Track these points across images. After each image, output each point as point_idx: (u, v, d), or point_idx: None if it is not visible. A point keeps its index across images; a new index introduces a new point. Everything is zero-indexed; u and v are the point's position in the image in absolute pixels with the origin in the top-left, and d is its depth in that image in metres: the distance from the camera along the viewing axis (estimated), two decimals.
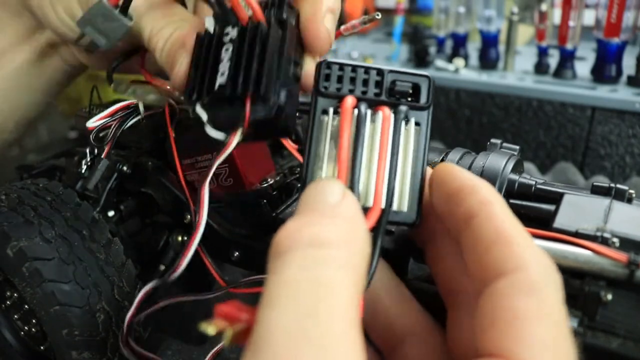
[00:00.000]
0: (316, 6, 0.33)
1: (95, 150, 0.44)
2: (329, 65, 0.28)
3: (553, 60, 1.03)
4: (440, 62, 1.09)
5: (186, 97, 0.31)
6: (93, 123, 0.41)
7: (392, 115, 0.27)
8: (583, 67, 1.01)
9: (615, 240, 0.29)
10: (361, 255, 0.22)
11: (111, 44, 0.37)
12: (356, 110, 0.27)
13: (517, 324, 0.21)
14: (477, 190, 0.25)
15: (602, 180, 0.63)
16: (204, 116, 0.31)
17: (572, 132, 0.95)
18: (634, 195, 0.35)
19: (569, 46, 0.97)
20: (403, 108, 0.27)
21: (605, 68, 0.94)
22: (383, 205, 0.26)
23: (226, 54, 0.31)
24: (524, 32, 1.22)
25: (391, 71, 0.27)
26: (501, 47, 1.08)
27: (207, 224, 0.44)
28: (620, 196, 0.34)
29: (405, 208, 0.27)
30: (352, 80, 0.27)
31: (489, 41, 1.07)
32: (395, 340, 0.27)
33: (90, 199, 0.42)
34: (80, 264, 0.36)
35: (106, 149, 0.42)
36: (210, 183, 0.39)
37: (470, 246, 0.24)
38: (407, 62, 1.16)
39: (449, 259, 0.27)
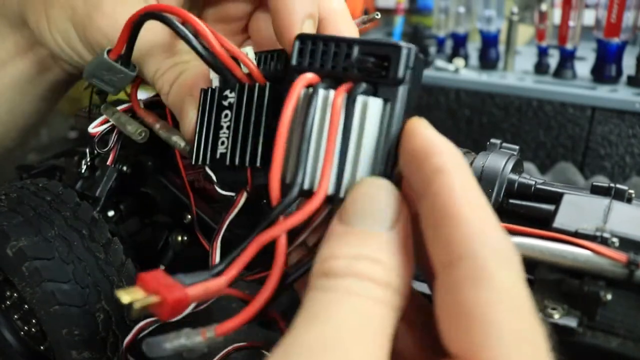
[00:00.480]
0: (291, 14, 0.31)
1: (95, 151, 0.44)
2: (302, 39, 0.26)
3: (553, 60, 1.03)
4: (440, 62, 1.09)
5: (195, 157, 0.32)
6: (94, 129, 0.41)
7: (345, 94, 0.25)
8: (583, 67, 1.01)
9: (615, 240, 0.29)
10: (404, 297, 0.21)
11: (119, 91, 0.38)
12: (310, 89, 0.25)
13: (471, 322, 0.19)
14: (435, 156, 0.22)
15: (602, 180, 0.63)
16: (213, 177, 0.32)
17: (572, 132, 0.95)
18: (633, 195, 0.35)
19: (569, 46, 0.97)
20: (361, 85, 0.25)
21: (605, 68, 0.94)
22: (330, 192, 0.24)
23: (225, 121, 0.31)
24: (524, 32, 1.22)
25: (359, 42, 0.25)
26: (501, 47, 1.08)
27: (207, 224, 0.44)
28: (620, 196, 0.35)
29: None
30: (324, 54, 0.26)
31: (489, 41, 1.07)
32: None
33: (89, 199, 0.42)
34: (80, 263, 0.36)
35: (111, 155, 0.42)
36: (210, 183, 0.39)
37: (424, 221, 0.22)
38: None
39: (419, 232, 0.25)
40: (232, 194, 0.34)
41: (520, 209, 0.36)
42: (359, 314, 0.20)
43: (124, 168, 0.44)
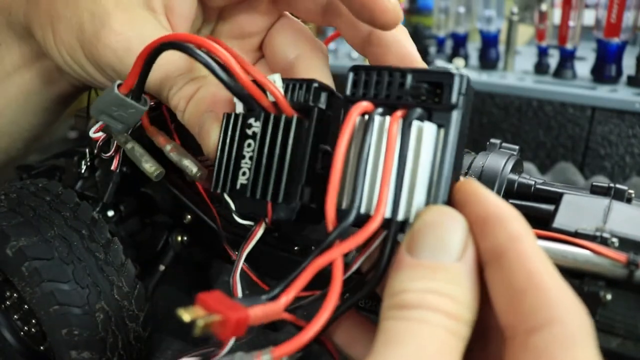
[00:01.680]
0: None
1: (100, 154, 0.43)
2: (356, 71, 0.27)
3: (553, 60, 1.03)
4: (440, 62, 1.09)
5: (215, 185, 0.31)
6: (95, 134, 0.40)
7: (400, 120, 0.25)
8: (583, 67, 1.01)
9: (615, 240, 0.29)
10: (471, 328, 0.22)
11: (129, 129, 0.36)
12: (366, 117, 0.26)
13: None
14: (507, 222, 0.23)
15: (602, 180, 0.63)
16: (231, 205, 0.32)
17: (572, 132, 0.95)
18: (633, 195, 0.35)
19: (569, 46, 0.97)
20: (415, 110, 0.25)
21: (605, 68, 0.94)
22: (388, 215, 0.25)
23: (248, 151, 0.30)
24: (524, 32, 1.22)
25: (413, 71, 0.26)
26: (501, 47, 1.08)
27: (207, 224, 0.44)
28: (620, 196, 0.34)
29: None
30: (378, 84, 0.27)
31: (489, 41, 1.07)
32: None
33: (89, 199, 0.42)
34: (80, 263, 0.36)
35: (115, 160, 0.42)
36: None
37: (497, 286, 0.23)
38: None
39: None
40: (251, 223, 0.33)
41: (519, 209, 0.36)
42: (436, 340, 0.21)
43: (124, 168, 0.44)
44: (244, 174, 0.30)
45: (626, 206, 0.33)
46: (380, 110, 0.26)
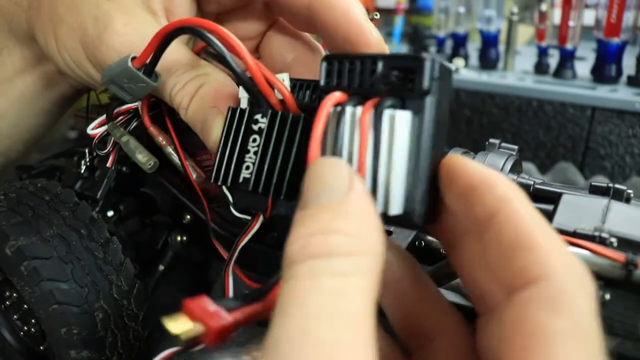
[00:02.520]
0: (352, 14, 0.31)
1: (95, 153, 0.44)
2: (329, 60, 0.26)
3: (553, 60, 1.03)
4: None
5: (215, 177, 0.31)
6: (93, 130, 0.40)
7: (372, 109, 0.24)
8: (583, 67, 1.01)
9: (614, 240, 0.29)
10: (374, 257, 0.21)
11: (136, 100, 0.36)
12: (338, 108, 0.25)
13: (542, 343, 0.19)
14: (494, 187, 0.22)
15: (601, 180, 0.63)
16: (230, 197, 0.32)
17: (572, 132, 0.95)
18: (632, 195, 0.35)
19: (569, 46, 0.97)
20: (387, 99, 0.24)
21: (605, 68, 0.94)
22: None
23: (253, 146, 0.30)
24: (524, 32, 1.22)
25: (383, 57, 0.25)
26: (501, 47, 1.08)
27: (206, 224, 0.44)
28: (619, 196, 0.34)
29: (402, 208, 0.24)
30: (351, 72, 0.26)
31: (489, 41, 1.07)
32: (423, 339, 0.26)
33: (89, 199, 0.42)
34: (79, 263, 0.37)
35: (111, 157, 0.42)
36: (209, 182, 0.39)
37: (492, 250, 0.22)
38: None
39: (475, 261, 0.25)
40: (248, 217, 0.33)
41: None
42: (326, 296, 0.19)
43: (124, 168, 0.44)
44: (247, 168, 0.30)
45: (625, 206, 0.33)
46: (352, 101, 0.25)
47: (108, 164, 0.43)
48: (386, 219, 0.25)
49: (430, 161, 0.24)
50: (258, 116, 0.30)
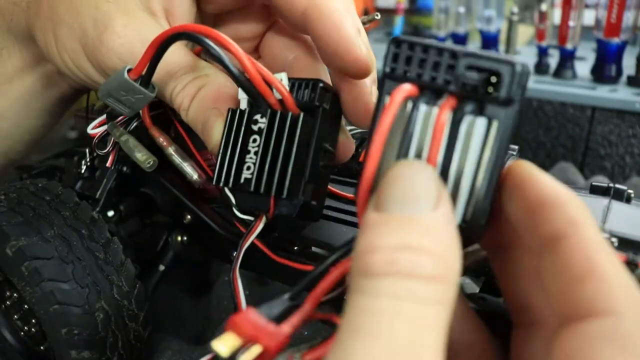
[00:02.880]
0: (344, 28, 0.31)
1: (95, 152, 0.44)
2: (398, 43, 0.24)
3: (553, 60, 1.03)
4: None
5: (217, 178, 0.31)
6: (93, 130, 0.40)
7: (450, 112, 0.22)
8: (583, 67, 1.01)
9: (614, 240, 0.29)
10: (455, 285, 0.19)
11: (134, 112, 0.36)
12: (410, 104, 0.23)
13: None
14: (566, 206, 0.21)
15: (601, 180, 0.63)
16: (232, 199, 0.32)
17: (572, 132, 0.95)
18: (632, 195, 0.35)
19: (569, 46, 0.97)
20: (469, 104, 0.22)
21: (605, 68, 0.94)
22: None
23: (253, 146, 0.30)
24: (524, 32, 1.22)
25: (467, 54, 0.22)
26: (501, 47, 1.08)
27: (207, 224, 0.44)
28: (619, 196, 0.35)
29: (465, 218, 0.23)
30: (422, 62, 0.23)
31: (489, 41, 1.07)
32: (450, 353, 0.24)
33: (89, 199, 0.42)
34: (79, 263, 0.37)
35: (110, 157, 0.42)
36: (210, 183, 0.39)
37: (554, 272, 0.21)
38: None
39: (524, 274, 0.24)
40: (250, 218, 0.33)
41: None
42: (410, 325, 0.18)
43: (124, 168, 0.44)
44: (248, 168, 0.30)
45: (625, 206, 0.33)
46: (425, 97, 0.23)
47: (108, 164, 0.43)
48: None
49: (499, 168, 0.22)
50: (257, 116, 0.30)
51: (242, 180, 0.30)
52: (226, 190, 0.32)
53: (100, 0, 0.36)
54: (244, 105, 0.32)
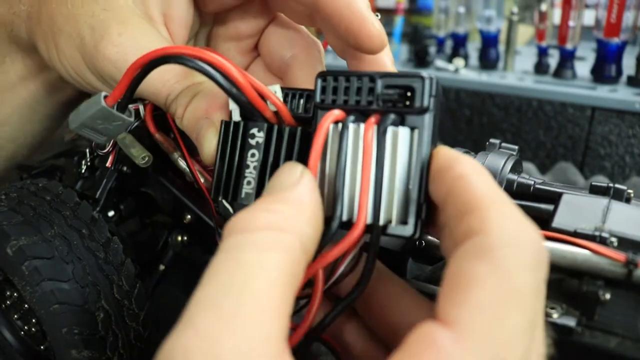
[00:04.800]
0: (355, 5, 0.32)
1: (95, 151, 0.44)
2: (324, 77, 0.27)
3: (553, 60, 1.04)
4: (440, 62, 1.09)
5: (215, 192, 0.31)
6: None
7: (375, 126, 0.25)
8: (583, 67, 1.01)
9: (614, 239, 0.29)
10: (299, 237, 0.23)
11: (110, 140, 0.35)
12: (339, 125, 0.26)
13: (461, 287, 0.20)
14: (454, 165, 0.24)
15: (601, 180, 0.63)
16: (230, 210, 0.32)
17: (572, 132, 0.95)
18: (632, 195, 0.35)
19: (569, 46, 0.97)
20: (389, 116, 0.25)
21: (605, 68, 0.95)
22: (369, 220, 0.25)
23: (252, 161, 0.30)
24: (524, 32, 1.22)
25: (382, 76, 0.26)
26: (501, 47, 1.08)
27: (207, 224, 0.44)
28: (619, 196, 0.35)
29: (402, 220, 0.26)
30: (347, 89, 0.27)
31: (489, 41, 1.07)
32: (399, 334, 0.26)
33: (89, 199, 0.42)
34: (80, 262, 0.37)
35: (110, 157, 0.42)
36: (207, 184, 0.39)
37: (451, 220, 0.23)
38: (407, 62, 1.16)
39: (446, 233, 0.26)
40: None
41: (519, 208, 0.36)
42: (245, 266, 0.21)
43: (124, 168, 0.44)
44: (248, 183, 0.30)
45: (625, 206, 0.33)
46: (352, 117, 0.26)
47: (108, 164, 0.43)
48: (384, 232, 0.26)
49: (427, 170, 0.26)
50: (254, 130, 0.30)
51: (242, 195, 0.30)
52: (224, 202, 0.32)
53: (97, 8, 0.36)
54: (236, 116, 0.31)
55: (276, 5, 0.39)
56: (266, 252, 0.21)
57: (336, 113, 0.26)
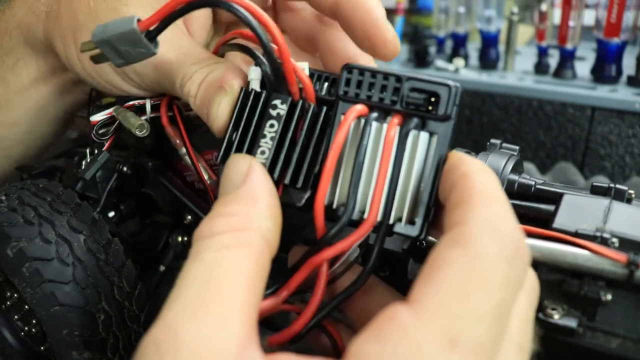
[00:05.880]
0: (374, 12, 0.33)
1: (94, 138, 0.43)
2: (350, 69, 0.27)
3: (553, 60, 1.04)
4: (440, 62, 1.09)
5: (222, 156, 0.31)
6: (96, 117, 0.41)
7: (398, 127, 0.26)
8: (583, 67, 1.01)
9: (615, 240, 0.29)
10: (258, 232, 0.24)
11: (126, 65, 0.34)
12: (362, 120, 0.26)
13: (431, 270, 0.21)
14: (461, 164, 0.25)
15: (602, 180, 0.63)
16: None
17: (572, 132, 0.95)
18: (633, 195, 0.35)
19: (569, 46, 0.97)
20: (413, 120, 0.26)
21: (605, 68, 0.95)
22: (380, 218, 0.26)
23: (270, 131, 0.30)
24: (524, 32, 1.22)
25: (410, 78, 0.26)
26: (501, 47, 1.08)
27: None
28: (620, 196, 0.34)
29: (409, 220, 0.26)
30: (371, 85, 0.27)
31: (489, 41, 1.07)
32: None
33: (90, 200, 0.42)
34: (80, 264, 0.37)
35: (107, 142, 0.42)
36: (210, 182, 0.39)
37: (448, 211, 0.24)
38: (407, 62, 1.16)
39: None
40: None
41: (520, 209, 0.36)
42: (207, 267, 0.23)
43: (124, 169, 0.44)
44: (262, 152, 0.29)
45: (626, 206, 0.33)
46: (375, 115, 0.26)
47: (104, 148, 0.42)
48: (391, 230, 0.26)
49: (440, 174, 0.26)
50: (277, 101, 0.30)
51: None
52: None
53: (118, 3, 0.36)
54: (256, 86, 0.31)
55: (286, 19, 0.40)
56: (226, 251, 0.23)
57: (359, 108, 0.26)
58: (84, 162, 0.45)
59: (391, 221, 0.26)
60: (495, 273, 0.21)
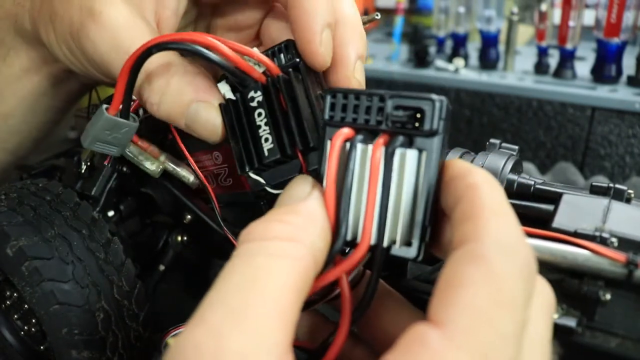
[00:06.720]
0: (311, 26, 0.32)
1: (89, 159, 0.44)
2: (333, 94, 0.27)
3: (553, 60, 1.04)
4: (440, 62, 1.09)
5: (240, 168, 0.32)
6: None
7: (383, 148, 0.25)
8: (583, 67, 1.01)
9: (614, 240, 0.29)
10: (310, 248, 0.23)
11: (123, 150, 0.36)
12: (347, 144, 0.26)
13: (453, 289, 0.21)
14: (468, 175, 0.24)
15: (601, 180, 0.63)
16: (261, 180, 0.33)
17: (572, 132, 0.95)
18: (632, 195, 0.35)
19: (569, 46, 0.97)
20: (398, 139, 0.25)
21: (605, 68, 0.95)
22: (373, 241, 0.25)
23: (261, 119, 0.31)
24: (524, 32, 1.22)
25: (392, 96, 0.25)
26: (501, 47, 1.08)
27: (206, 224, 0.44)
28: (619, 196, 0.34)
29: (406, 241, 0.25)
30: (356, 107, 0.26)
31: (489, 41, 1.07)
32: (388, 341, 0.27)
33: (89, 199, 0.42)
34: (80, 263, 0.37)
35: (108, 157, 0.42)
36: (210, 183, 0.39)
37: (455, 224, 0.24)
38: (407, 62, 1.16)
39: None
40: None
41: (519, 209, 0.36)
42: (257, 270, 0.22)
43: (124, 168, 0.44)
44: (266, 140, 0.31)
45: (626, 206, 0.33)
46: (360, 137, 0.26)
47: (105, 162, 0.43)
48: (387, 252, 0.26)
49: (435, 192, 0.25)
50: (252, 93, 0.31)
51: (266, 154, 0.31)
52: (252, 175, 0.33)
53: None
54: (230, 95, 0.33)
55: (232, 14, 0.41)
56: (278, 259, 0.22)
57: (345, 132, 0.26)
58: (83, 162, 0.45)
59: (385, 244, 0.25)
60: (518, 294, 0.21)
